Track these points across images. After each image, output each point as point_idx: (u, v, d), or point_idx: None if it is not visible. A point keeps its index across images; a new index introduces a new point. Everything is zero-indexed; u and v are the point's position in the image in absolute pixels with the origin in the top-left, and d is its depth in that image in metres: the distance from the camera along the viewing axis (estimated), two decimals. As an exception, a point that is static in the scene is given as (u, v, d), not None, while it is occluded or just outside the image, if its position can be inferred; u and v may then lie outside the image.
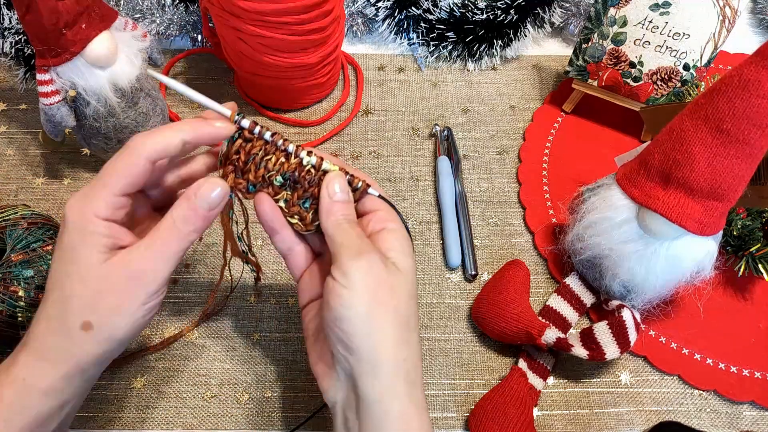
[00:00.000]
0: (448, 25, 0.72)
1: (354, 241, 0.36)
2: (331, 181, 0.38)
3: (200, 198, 0.35)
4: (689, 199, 0.44)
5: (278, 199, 0.40)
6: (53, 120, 0.53)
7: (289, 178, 0.39)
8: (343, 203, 0.38)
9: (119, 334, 0.35)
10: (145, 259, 0.34)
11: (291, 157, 0.39)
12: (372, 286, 0.35)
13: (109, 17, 0.52)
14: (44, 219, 0.50)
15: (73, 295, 0.34)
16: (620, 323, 0.49)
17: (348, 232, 0.37)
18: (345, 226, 0.37)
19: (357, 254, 0.35)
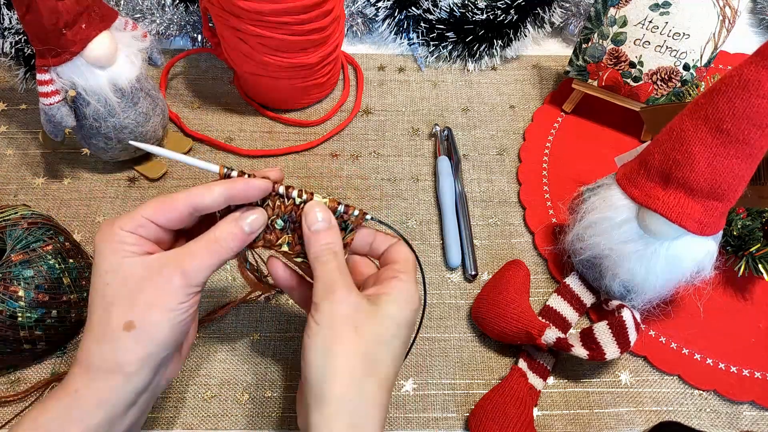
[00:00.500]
0: (448, 25, 0.72)
1: (330, 275, 0.37)
2: (308, 211, 0.39)
3: (243, 219, 0.38)
4: (689, 199, 0.44)
5: (281, 244, 0.41)
6: (53, 120, 0.53)
7: (287, 220, 0.40)
8: (323, 232, 0.39)
9: (160, 332, 0.35)
10: (183, 261, 0.36)
11: (285, 199, 0.40)
12: (336, 323, 0.36)
13: (109, 17, 0.52)
14: (44, 219, 0.50)
15: (115, 300, 0.35)
16: (620, 323, 0.49)
17: (326, 265, 0.38)
18: (324, 257, 0.38)
19: (329, 288, 0.37)
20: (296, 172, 0.65)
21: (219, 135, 0.67)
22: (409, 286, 0.39)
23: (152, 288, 0.35)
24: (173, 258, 0.36)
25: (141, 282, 0.35)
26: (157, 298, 0.35)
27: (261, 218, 0.39)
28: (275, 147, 0.66)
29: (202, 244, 0.37)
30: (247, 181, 0.38)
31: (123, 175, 0.63)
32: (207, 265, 0.37)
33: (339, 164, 0.66)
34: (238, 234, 0.38)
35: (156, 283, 0.35)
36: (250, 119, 0.69)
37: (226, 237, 0.37)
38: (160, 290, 0.35)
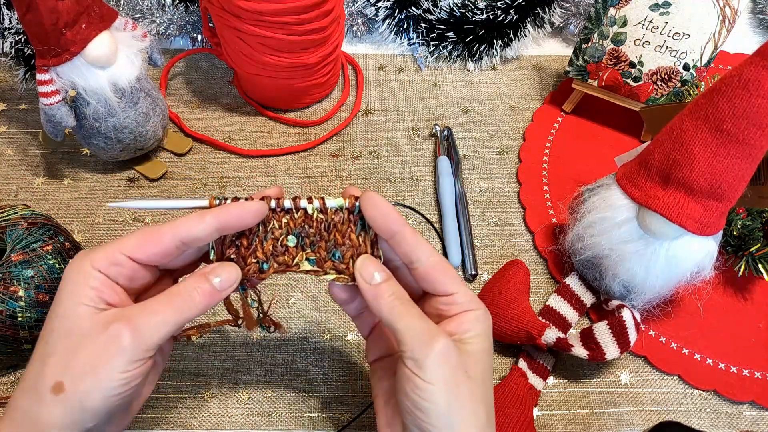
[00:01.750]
0: (448, 25, 0.72)
1: (418, 325, 0.34)
2: (361, 268, 0.36)
3: (213, 274, 0.34)
4: (689, 199, 0.44)
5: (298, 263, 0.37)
6: (53, 120, 0.53)
7: (300, 235, 0.37)
8: (384, 284, 0.35)
9: (90, 402, 0.30)
10: (135, 321, 0.31)
11: (294, 213, 0.36)
12: (449, 377, 0.33)
13: (109, 17, 0.52)
14: (44, 219, 0.50)
15: (54, 352, 0.31)
16: (620, 323, 0.49)
17: (406, 316, 0.34)
18: (399, 308, 0.34)
19: (428, 342, 0.33)
20: (296, 172, 0.65)
21: (219, 135, 0.67)
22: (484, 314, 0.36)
23: (93, 348, 0.30)
24: (125, 314, 0.31)
25: (84, 339, 0.30)
26: (95, 362, 0.30)
27: (234, 275, 0.35)
28: (275, 147, 0.66)
29: (163, 298, 0.32)
30: (240, 205, 0.34)
31: (123, 175, 0.63)
32: (164, 323, 0.32)
33: (339, 164, 0.66)
34: (207, 290, 0.33)
35: (99, 342, 0.30)
36: (250, 119, 0.69)
37: (191, 292, 0.33)
38: (101, 354, 0.30)
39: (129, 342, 0.30)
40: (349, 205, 0.36)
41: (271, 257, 0.37)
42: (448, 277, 0.36)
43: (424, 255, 0.35)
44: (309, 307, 0.56)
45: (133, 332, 0.31)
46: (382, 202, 0.35)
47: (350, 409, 0.51)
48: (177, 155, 0.65)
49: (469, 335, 0.35)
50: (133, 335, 0.31)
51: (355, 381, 0.52)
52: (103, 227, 0.60)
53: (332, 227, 0.37)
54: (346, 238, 0.37)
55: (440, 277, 0.36)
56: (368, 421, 0.50)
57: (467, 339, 0.35)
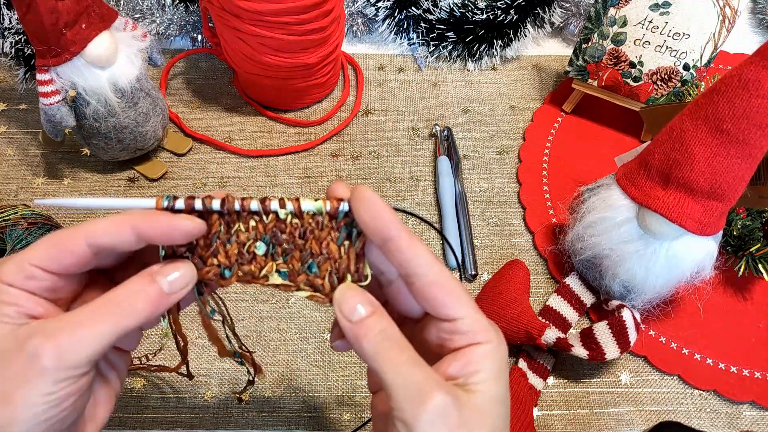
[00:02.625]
0: (448, 25, 0.72)
1: (409, 378, 0.27)
2: (341, 301, 0.29)
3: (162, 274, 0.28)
4: (689, 199, 0.44)
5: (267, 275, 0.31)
6: (53, 120, 0.53)
7: (271, 242, 0.31)
8: (370, 320, 0.29)
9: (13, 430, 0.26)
10: (57, 336, 0.26)
11: (263, 216, 0.30)
12: None
13: (109, 17, 0.52)
14: (44, 219, 0.50)
15: None
16: (620, 323, 0.49)
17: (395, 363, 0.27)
18: (387, 353, 0.28)
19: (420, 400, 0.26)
20: (296, 172, 0.65)
21: (219, 135, 0.67)
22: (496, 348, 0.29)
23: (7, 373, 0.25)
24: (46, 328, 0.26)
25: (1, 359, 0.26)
26: (12, 387, 0.25)
27: (188, 275, 0.29)
28: (275, 147, 0.66)
29: (93, 308, 0.27)
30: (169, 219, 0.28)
31: (123, 175, 0.63)
32: (98, 336, 0.26)
33: (339, 164, 0.66)
34: (151, 294, 0.28)
35: (14, 365, 0.25)
36: (250, 119, 0.69)
37: (131, 298, 0.27)
38: (16, 377, 0.25)
39: (50, 362, 0.25)
40: (330, 210, 0.30)
41: (235, 264, 0.31)
42: (452, 297, 0.29)
43: (423, 268, 0.29)
44: (309, 307, 0.56)
45: (54, 349, 0.26)
46: (375, 200, 0.28)
47: (350, 409, 0.51)
48: (177, 155, 0.65)
49: (476, 379, 0.28)
50: (54, 352, 0.26)
51: (355, 381, 0.52)
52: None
53: (308, 234, 0.30)
54: (324, 248, 0.30)
55: (442, 297, 0.29)
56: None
57: (474, 385, 0.28)
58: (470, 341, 0.29)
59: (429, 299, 0.29)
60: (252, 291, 0.56)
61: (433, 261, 0.29)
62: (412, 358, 0.28)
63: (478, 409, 0.27)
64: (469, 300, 0.29)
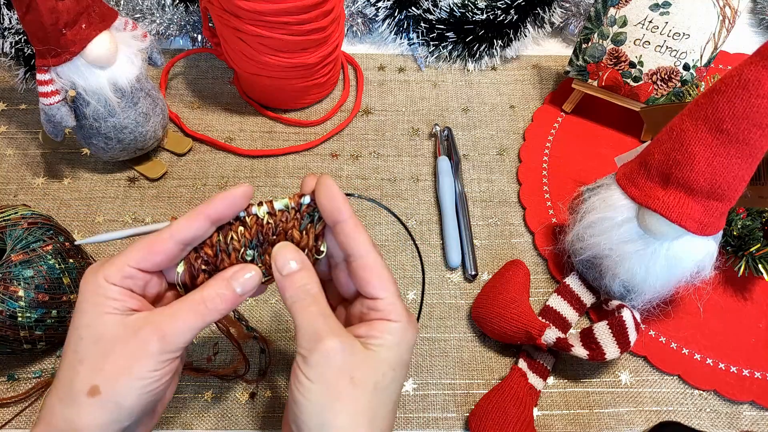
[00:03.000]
0: (448, 25, 0.72)
1: (313, 322, 0.34)
2: (276, 255, 0.35)
3: (236, 279, 0.35)
4: (689, 199, 0.44)
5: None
6: (53, 120, 0.53)
7: (257, 245, 0.37)
8: (296, 273, 0.35)
9: (126, 400, 0.32)
10: (162, 327, 0.33)
11: (247, 219, 0.36)
12: (330, 377, 0.32)
13: (109, 17, 0.52)
14: (44, 219, 0.50)
15: (85, 358, 0.33)
16: (620, 323, 0.49)
17: (306, 310, 0.34)
18: (304, 301, 0.34)
19: (316, 337, 0.33)
20: (296, 172, 0.65)
21: (219, 135, 0.67)
22: (402, 327, 0.35)
23: (124, 351, 0.32)
24: (152, 319, 0.33)
25: (114, 343, 0.32)
26: (127, 363, 0.32)
27: (255, 278, 0.36)
28: (275, 147, 0.66)
29: (186, 305, 0.34)
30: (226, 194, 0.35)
31: (123, 175, 0.63)
32: (189, 328, 0.33)
33: (339, 164, 0.66)
34: (228, 296, 0.35)
35: (129, 346, 0.32)
36: (250, 119, 0.69)
37: (214, 299, 0.34)
38: (132, 355, 0.32)
39: (157, 346, 0.32)
40: (294, 204, 0.36)
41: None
42: (379, 280, 0.35)
43: (361, 251, 0.35)
44: (309, 307, 0.56)
45: (160, 336, 0.32)
46: (333, 188, 0.35)
47: (350, 409, 0.51)
48: (177, 155, 0.65)
49: (374, 342, 0.34)
50: (160, 339, 0.32)
51: (355, 381, 0.52)
52: (103, 227, 0.60)
53: (279, 230, 0.36)
54: (289, 238, 0.36)
55: (370, 278, 0.35)
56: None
57: (371, 345, 0.34)
58: (383, 317, 0.35)
59: (360, 278, 0.35)
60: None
61: (371, 248, 0.35)
62: (321, 310, 0.34)
63: (367, 362, 0.33)
64: (394, 287, 0.36)
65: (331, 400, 0.32)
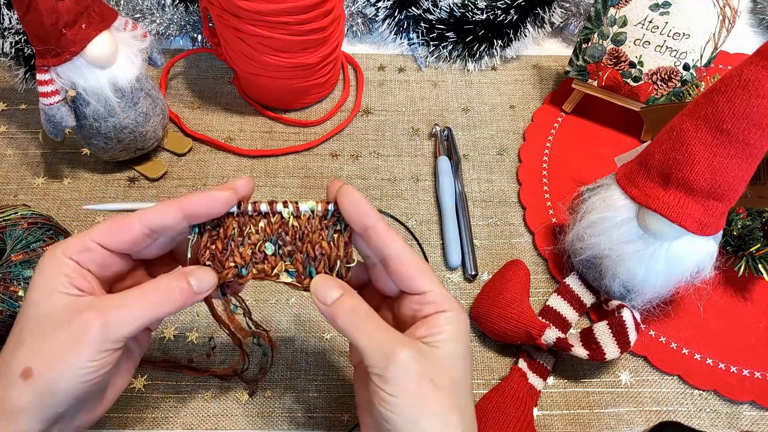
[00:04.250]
0: (448, 25, 0.72)
1: (377, 338, 0.33)
2: (316, 291, 0.35)
3: (195, 278, 0.34)
4: (689, 199, 0.44)
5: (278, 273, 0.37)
6: (53, 120, 0.53)
7: (277, 242, 0.36)
8: (340, 300, 0.35)
9: (58, 388, 0.31)
10: (106, 312, 0.32)
11: (270, 217, 0.36)
12: (413, 387, 0.32)
13: (109, 17, 0.52)
14: (44, 219, 0.50)
15: (26, 339, 0.32)
16: (620, 323, 0.49)
17: (365, 329, 0.34)
18: (358, 323, 0.34)
19: (388, 354, 0.32)
20: (296, 172, 0.65)
21: (219, 135, 0.67)
22: (457, 314, 0.35)
23: (63, 336, 0.31)
24: (98, 305, 0.32)
25: (56, 326, 0.31)
26: (64, 349, 0.31)
27: (211, 280, 0.35)
28: (275, 147, 0.66)
29: (138, 293, 0.33)
30: (206, 193, 0.34)
31: (123, 175, 0.63)
32: (135, 318, 0.32)
33: (339, 164, 0.66)
34: (184, 288, 0.34)
35: (69, 330, 0.31)
36: (250, 119, 0.69)
37: (170, 289, 0.33)
38: (70, 341, 0.31)
39: (97, 333, 0.31)
40: (321, 210, 0.36)
41: (250, 263, 0.36)
42: (421, 274, 0.35)
43: (396, 251, 0.35)
44: (309, 307, 0.56)
45: (103, 324, 0.31)
46: (357, 196, 0.35)
47: (350, 409, 0.51)
48: (177, 155, 0.65)
49: (439, 338, 0.34)
50: (102, 326, 0.31)
51: (355, 381, 0.52)
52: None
53: (305, 236, 0.36)
54: (317, 249, 0.36)
55: (412, 274, 0.35)
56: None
57: (437, 343, 0.34)
58: (436, 309, 0.35)
59: (402, 277, 0.35)
60: (252, 292, 0.57)
61: (405, 246, 0.35)
62: (378, 324, 0.34)
63: (438, 360, 0.33)
64: (435, 277, 0.36)
65: (420, 409, 0.32)
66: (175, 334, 0.54)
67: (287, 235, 0.36)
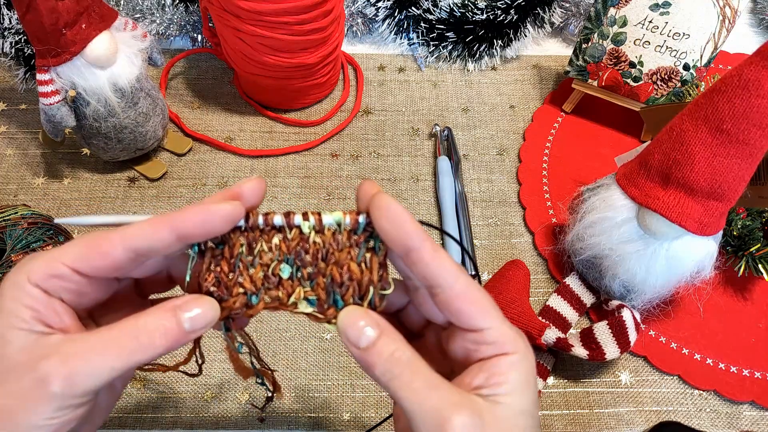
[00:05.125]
0: (448, 25, 0.72)
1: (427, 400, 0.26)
2: (344, 328, 0.28)
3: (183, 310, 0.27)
4: (689, 199, 0.44)
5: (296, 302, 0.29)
6: (53, 120, 0.53)
7: (294, 263, 0.29)
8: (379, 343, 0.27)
9: None
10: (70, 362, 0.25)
11: (287, 232, 0.29)
12: None
13: (109, 17, 0.52)
14: (44, 219, 0.50)
15: None
16: (620, 323, 0.49)
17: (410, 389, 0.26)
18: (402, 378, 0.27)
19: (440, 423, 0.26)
20: (296, 172, 0.65)
21: (219, 135, 0.67)
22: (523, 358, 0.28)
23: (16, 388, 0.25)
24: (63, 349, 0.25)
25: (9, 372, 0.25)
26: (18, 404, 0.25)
27: (211, 314, 0.27)
28: (275, 147, 0.66)
29: (113, 335, 0.26)
30: (204, 209, 0.27)
31: (123, 175, 0.63)
32: (106, 368, 0.25)
33: (339, 164, 0.66)
34: (172, 330, 0.26)
35: (23, 382, 0.25)
36: (250, 119, 0.69)
37: (152, 332, 0.26)
38: (25, 394, 0.25)
39: (59, 388, 0.25)
40: (350, 223, 0.29)
41: (262, 288, 0.29)
42: (478, 309, 0.28)
43: (448, 280, 0.28)
44: (309, 307, 0.56)
45: (65, 376, 0.25)
46: (396, 210, 0.27)
47: (350, 409, 0.51)
48: (177, 155, 0.65)
49: (501, 391, 0.27)
50: (64, 380, 0.25)
51: (355, 381, 0.52)
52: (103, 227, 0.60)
53: (329, 256, 0.29)
54: (345, 273, 0.29)
55: (467, 308, 0.28)
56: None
57: (498, 397, 0.27)
58: (497, 351, 0.28)
59: (454, 311, 0.28)
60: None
61: (458, 272, 0.28)
62: (427, 380, 0.27)
63: (502, 421, 0.27)
64: (496, 310, 0.29)
65: None
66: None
67: (307, 255, 0.29)
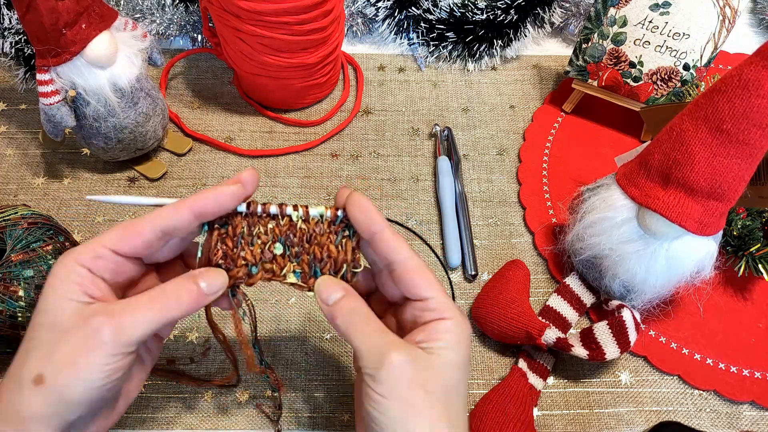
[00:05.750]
0: (448, 25, 0.72)
1: (373, 339, 0.34)
2: (320, 291, 0.36)
3: (202, 277, 0.34)
4: (689, 199, 0.44)
5: (286, 274, 0.37)
6: (53, 120, 0.53)
7: (286, 243, 0.37)
8: (341, 301, 0.36)
9: (70, 394, 0.31)
10: (117, 316, 0.32)
11: (279, 219, 0.37)
12: (403, 390, 0.33)
13: (109, 17, 0.52)
14: (44, 219, 0.50)
15: (38, 346, 0.32)
16: (620, 323, 0.49)
17: (362, 330, 0.34)
18: (355, 324, 0.35)
19: (382, 356, 0.33)
20: (296, 172, 0.65)
21: (219, 135, 0.67)
22: (457, 324, 0.35)
23: (75, 341, 0.31)
24: (109, 309, 0.32)
25: (67, 332, 0.31)
26: (76, 354, 0.31)
27: (221, 280, 0.35)
28: (275, 147, 0.66)
29: (147, 296, 0.33)
30: (215, 190, 0.34)
31: (123, 175, 0.63)
32: (147, 321, 0.32)
33: (339, 164, 0.66)
34: (193, 291, 0.34)
35: (80, 336, 0.31)
36: (250, 119, 0.69)
37: (178, 292, 0.33)
38: (82, 346, 0.31)
39: (109, 337, 0.31)
40: (330, 216, 0.37)
41: (259, 262, 0.37)
42: (424, 281, 0.35)
43: (401, 256, 0.35)
44: (309, 306, 0.56)
45: (114, 327, 0.31)
46: (366, 203, 0.36)
47: (350, 409, 0.51)
48: (177, 155, 0.65)
49: (435, 345, 0.34)
50: (113, 330, 0.31)
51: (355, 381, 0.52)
52: (103, 227, 0.60)
53: (312, 239, 0.37)
54: (325, 252, 0.37)
55: (415, 280, 0.35)
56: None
57: (435, 350, 0.34)
58: (437, 316, 0.35)
59: (405, 282, 0.36)
60: (252, 292, 0.56)
61: (411, 252, 0.36)
62: (376, 327, 0.35)
63: (434, 367, 0.33)
64: (439, 285, 0.36)
65: (408, 412, 0.32)
66: (175, 335, 0.54)
67: (295, 237, 0.37)
